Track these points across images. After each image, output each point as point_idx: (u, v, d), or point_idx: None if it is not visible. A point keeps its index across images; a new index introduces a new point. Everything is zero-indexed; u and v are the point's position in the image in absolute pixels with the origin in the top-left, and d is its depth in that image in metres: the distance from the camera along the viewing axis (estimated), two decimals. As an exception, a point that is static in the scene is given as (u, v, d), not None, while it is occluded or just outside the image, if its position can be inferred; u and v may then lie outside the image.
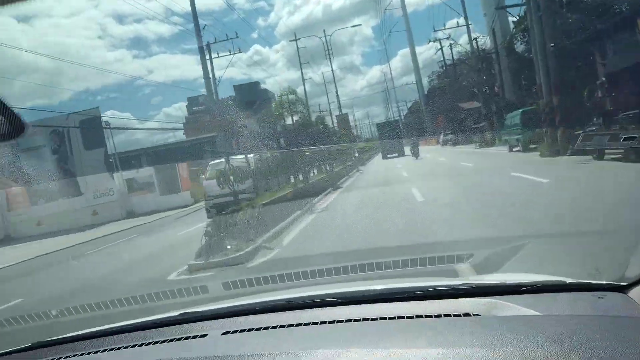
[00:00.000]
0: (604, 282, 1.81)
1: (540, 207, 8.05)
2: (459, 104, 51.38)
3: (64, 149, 31.29)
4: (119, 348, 1.92)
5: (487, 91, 35.29)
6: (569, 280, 1.87)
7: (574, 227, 6.15)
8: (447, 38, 51.27)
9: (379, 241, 7.19)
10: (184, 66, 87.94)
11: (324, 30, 55.30)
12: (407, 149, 34.17)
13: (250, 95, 56.28)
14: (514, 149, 22.87)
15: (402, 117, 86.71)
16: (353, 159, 35.47)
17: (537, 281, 1.91)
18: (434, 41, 52.20)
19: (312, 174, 20.22)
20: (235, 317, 2.07)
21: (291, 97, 32.91)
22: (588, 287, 1.82)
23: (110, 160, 30.76)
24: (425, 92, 71.64)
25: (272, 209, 11.26)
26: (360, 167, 32.92)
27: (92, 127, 31.19)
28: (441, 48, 53.59)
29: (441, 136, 54.77)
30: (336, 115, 46.18)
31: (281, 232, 9.97)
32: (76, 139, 31.87)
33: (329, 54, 54.18)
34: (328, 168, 23.75)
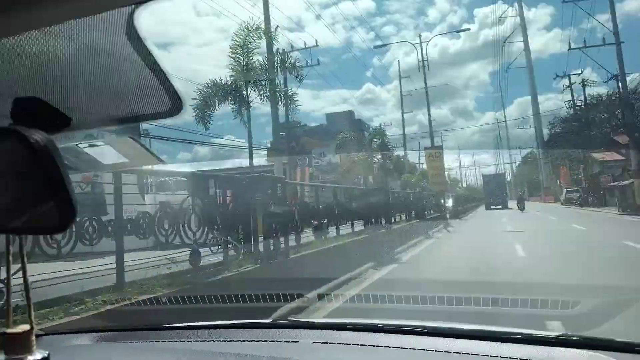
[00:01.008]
0: None
1: None
2: (591, 153, 40.99)
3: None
4: (217, 341, 2.00)
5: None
6: None
7: None
8: (580, 74, 41.49)
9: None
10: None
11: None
12: (514, 203, 34.47)
13: (342, 124, 50.90)
14: None
15: (514, 166, 77.61)
16: (442, 210, 26.52)
17: None
18: (562, 76, 42.87)
19: (335, 233, 11.03)
20: (327, 331, 2.11)
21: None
22: None
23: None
24: (545, 140, 60.71)
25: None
26: (451, 224, 23.14)
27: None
28: (570, 85, 43.80)
29: (564, 192, 44.13)
30: (425, 149, 35.60)
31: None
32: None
33: (423, 66, 42.05)
34: (383, 222, 14.87)
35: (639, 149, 26.65)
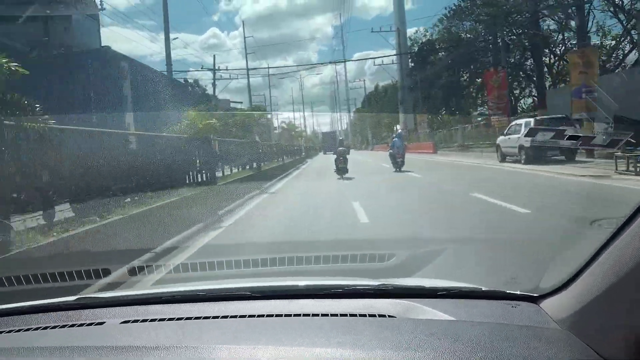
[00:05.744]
0: (519, 292, 1.78)
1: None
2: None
3: None
4: (9, 332, 1.72)
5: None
6: (484, 288, 1.86)
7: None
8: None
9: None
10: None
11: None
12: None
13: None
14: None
15: (352, 113, 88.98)
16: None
17: (454, 287, 1.88)
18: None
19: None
20: (139, 306, 1.91)
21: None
22: (503, 296, 1.80)
23: None
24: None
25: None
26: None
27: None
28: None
29: (520, 128, 26.99)
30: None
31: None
32: None
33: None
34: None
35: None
